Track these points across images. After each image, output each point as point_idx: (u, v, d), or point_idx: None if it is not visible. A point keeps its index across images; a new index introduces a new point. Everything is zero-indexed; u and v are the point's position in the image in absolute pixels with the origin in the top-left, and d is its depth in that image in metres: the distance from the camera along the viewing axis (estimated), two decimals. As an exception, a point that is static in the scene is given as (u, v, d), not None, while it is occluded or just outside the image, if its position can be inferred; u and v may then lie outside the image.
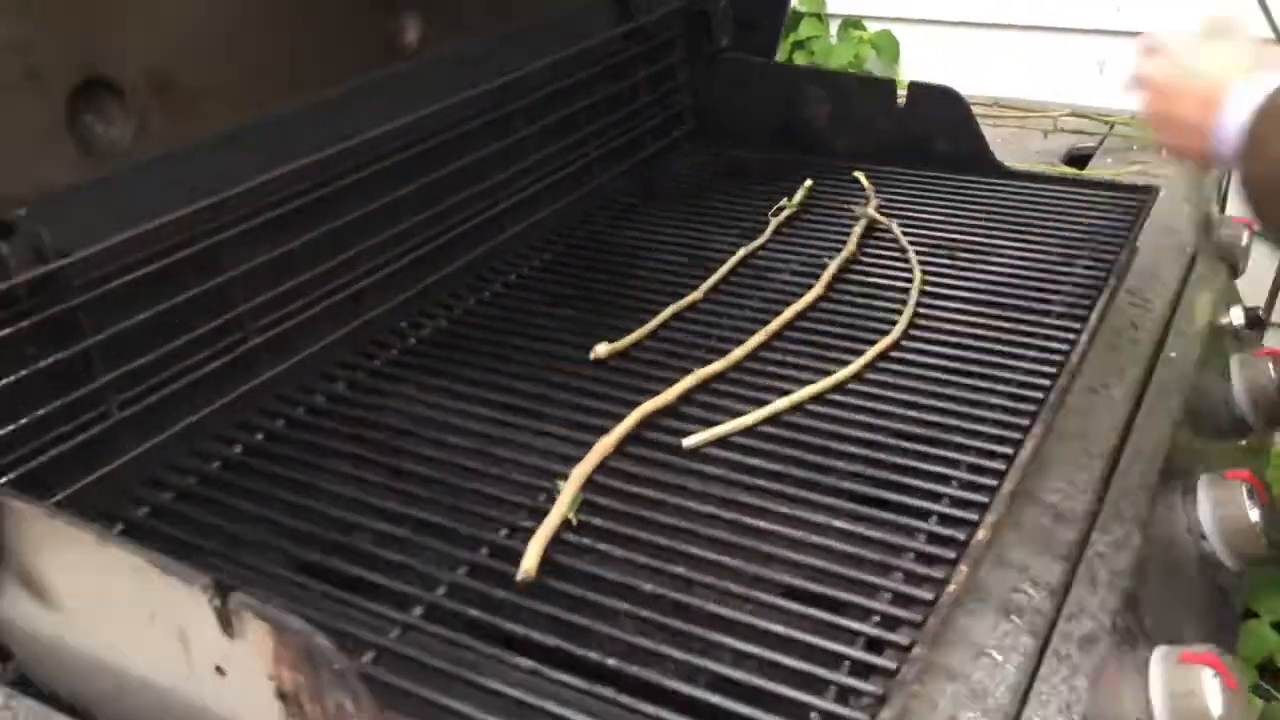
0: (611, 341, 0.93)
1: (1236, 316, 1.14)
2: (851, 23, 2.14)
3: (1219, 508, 0.87)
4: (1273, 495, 0.90)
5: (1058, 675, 0.68)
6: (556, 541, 0.71)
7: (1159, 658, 0.73)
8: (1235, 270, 1.24)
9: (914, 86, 1.26)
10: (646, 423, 0.83)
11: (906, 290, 1.00)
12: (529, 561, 0.68)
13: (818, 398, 0.85)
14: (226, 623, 0.55)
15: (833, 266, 1.03)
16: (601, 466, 0.78)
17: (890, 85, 1.27)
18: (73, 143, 0.88)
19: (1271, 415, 1.06)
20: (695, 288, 1.02)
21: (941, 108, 1.25)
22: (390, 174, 0.97)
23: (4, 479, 0.72)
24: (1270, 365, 1.05)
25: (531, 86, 1.12)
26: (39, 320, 0.71)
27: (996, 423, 0.81)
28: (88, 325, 0.75)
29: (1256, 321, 1.14)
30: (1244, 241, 1.28)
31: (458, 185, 1.05)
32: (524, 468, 0.80)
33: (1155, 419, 0.92)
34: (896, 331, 0.92)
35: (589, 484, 0.76)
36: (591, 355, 0.91)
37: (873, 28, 2.14)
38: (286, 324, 0.89)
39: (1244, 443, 1.06)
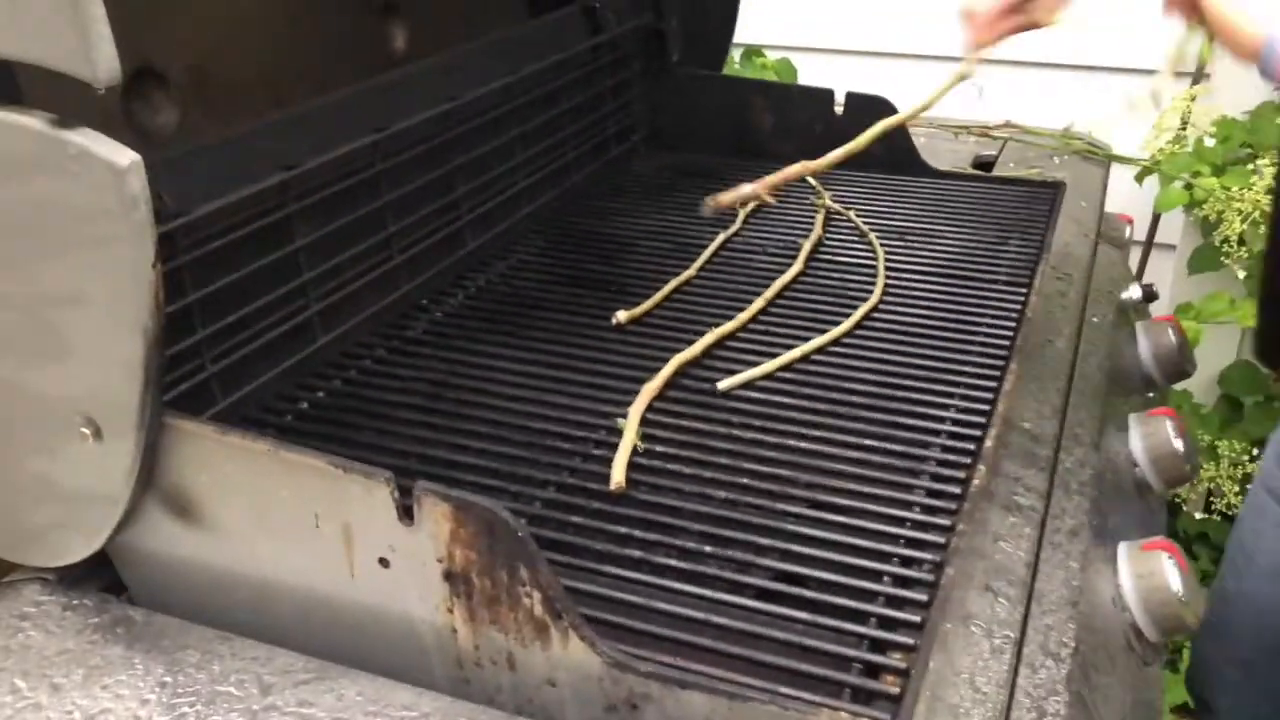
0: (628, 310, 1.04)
1: (1134, 291, 1.32)
2: (753, 51, 2.31)
3: (1147, 439, 1.04)
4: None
5: (1055, 558, 0.82)
6: (630, 466, 0.81)
7: (1124, 548, 0.88)
8: (1125, 255, 1.44)
9: (850, 96, 1.41)
10: (679, 372, 0.94)
11: (872, 265, 1.14)
12: (618, 474, 0.78)
13: (821, 350, 0.97)
14: (405, 511, 0.64)
15: (807, 246, 1.17)
16: (649, 407, 0.89)
17: (829, 95, 1.42)
18: (129, 129, 0.95)
19: (1171, 371, 1.24)
20: (684, 268, 1.14)
21: (875, 115, 1.40)
22: (413, 164, 1.06)
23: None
24: (1170, 329, 1.23)
25: (523, 89, 1.22)
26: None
27: (977, 364, 0.95)
28: (189, 283, 0.81)
29: (1151, 295, 1.33)
30: (1127, 233, 1.49)
31: (467, 177, 1.14)
32: (577, 411, 0.89)
33: (1090, 366, 1.08)
34: (876, 294, 1.06)
35: (642, 421, 0.87)
36: (614, 320, 1.02)
37: (772, 55, 2.31)
38: (337, 295, 0.97)
39: (1150, 395, 1.24)
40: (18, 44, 0.57)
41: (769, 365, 0.93)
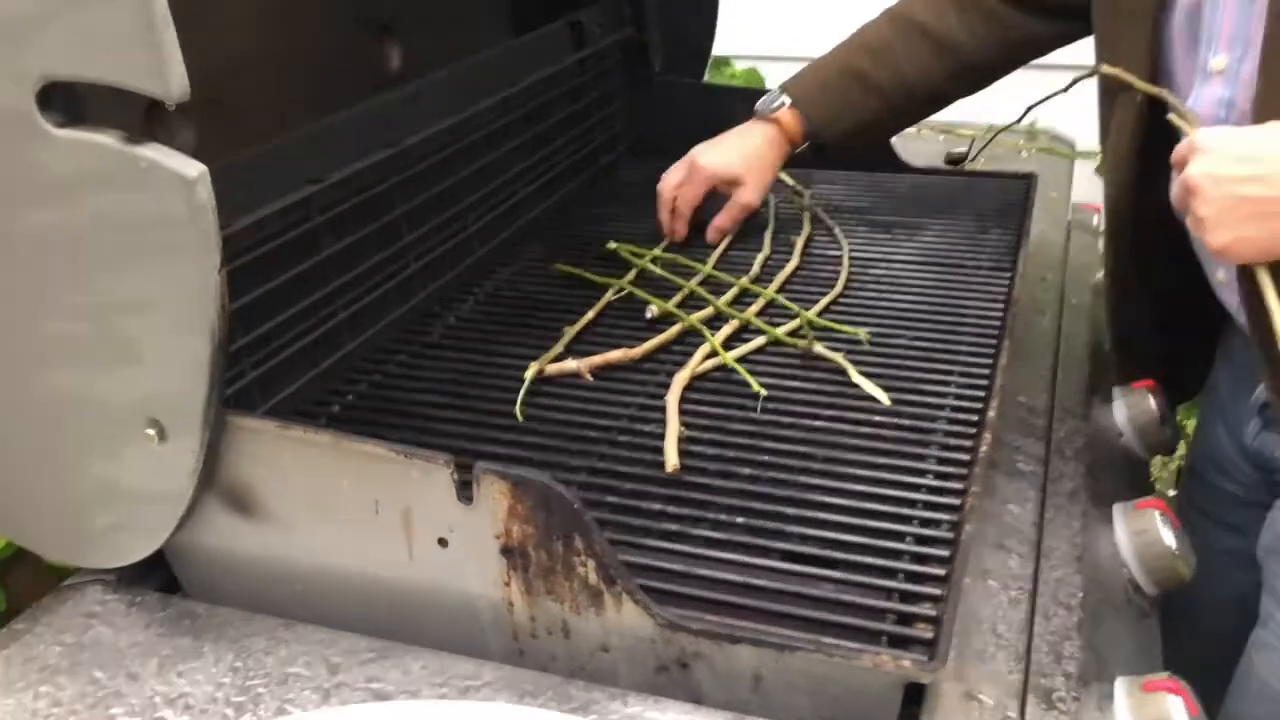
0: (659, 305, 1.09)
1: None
2: (721, 61, 2.38)
3: (1131, 409, 1.10)
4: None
5: (1059, 518, 0.87)
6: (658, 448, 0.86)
7: (1118, 508, 0.94)
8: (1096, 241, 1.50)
9: (829, 100, 1.47)
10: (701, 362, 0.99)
11: (860, 256, 1.20)
12: (672, 458, 0.83)
13: (776, 342, 1.02)
14: (464, 491, 0.68)
15: (800, 242, 1.22)
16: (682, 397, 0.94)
17: (808, 100, 1.48)
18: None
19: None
20: (691, 270, 1.19)
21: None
22: (423, 177, 1.10)
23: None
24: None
25: (519, 103, 1.27)
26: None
27: (972, 343, 1.01)
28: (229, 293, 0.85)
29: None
30: (1095, 221, 1.56)
31: (471, 188, 1.19)
32: (597, 403, 0.94)
33: (1074, 344, 1.14)
34: (840, 283, 1.12)
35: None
36: (648, 315, 1.07)
37: (740, 65, 2.38)
38: (361, 303, 1.01)
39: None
40: (97, 68, 0.61)
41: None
